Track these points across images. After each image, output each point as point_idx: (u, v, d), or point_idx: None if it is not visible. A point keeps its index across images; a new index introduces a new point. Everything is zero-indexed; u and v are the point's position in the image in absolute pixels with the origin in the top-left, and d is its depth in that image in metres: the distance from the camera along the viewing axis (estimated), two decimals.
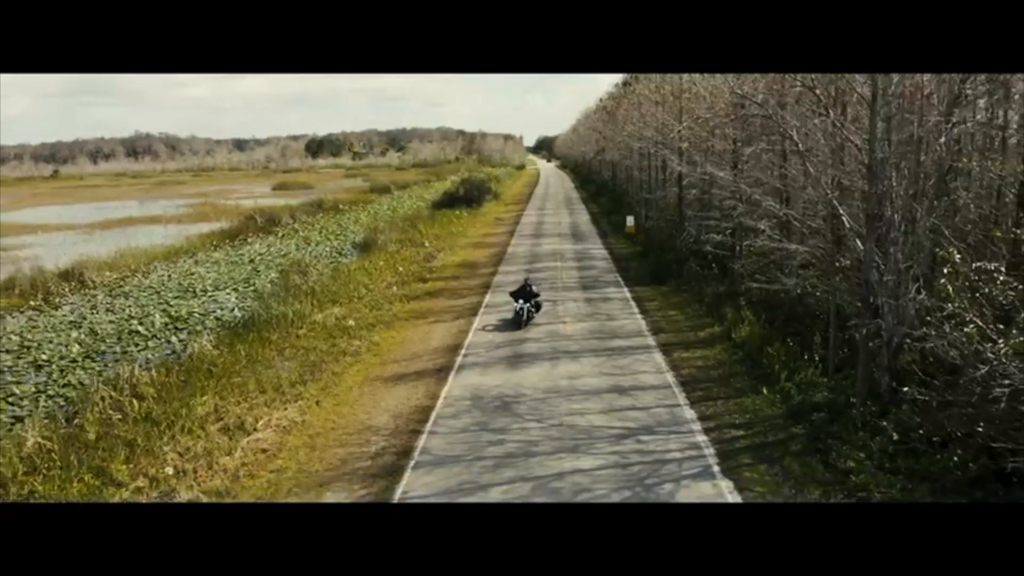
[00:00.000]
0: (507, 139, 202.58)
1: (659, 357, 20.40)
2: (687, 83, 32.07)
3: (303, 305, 26.59)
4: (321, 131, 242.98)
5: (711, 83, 26.94)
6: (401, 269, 35.32)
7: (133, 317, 28.25)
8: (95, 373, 21.33)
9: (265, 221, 55.86)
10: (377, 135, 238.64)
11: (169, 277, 36.91)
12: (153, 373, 19.63)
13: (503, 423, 15.78)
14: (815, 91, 14.83)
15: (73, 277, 35.79)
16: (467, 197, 64.75)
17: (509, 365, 19.91)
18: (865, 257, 14.93)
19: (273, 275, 35.13)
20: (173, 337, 25.28)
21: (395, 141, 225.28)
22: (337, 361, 20.86)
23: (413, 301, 28.77)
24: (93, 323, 27.58)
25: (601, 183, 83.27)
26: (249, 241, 48.98)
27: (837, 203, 16.26)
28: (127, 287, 34.68)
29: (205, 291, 33.12)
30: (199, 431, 15.95)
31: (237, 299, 30.99)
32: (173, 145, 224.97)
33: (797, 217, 19.47)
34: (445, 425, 15.83)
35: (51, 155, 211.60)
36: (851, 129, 15.31)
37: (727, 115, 24.48)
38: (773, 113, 16.62)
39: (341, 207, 69.59)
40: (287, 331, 23.75)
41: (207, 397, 17.65)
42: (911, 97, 15.09)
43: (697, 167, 28.32)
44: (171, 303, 30.57)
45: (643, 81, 44.52)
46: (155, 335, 25.70)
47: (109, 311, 29.63)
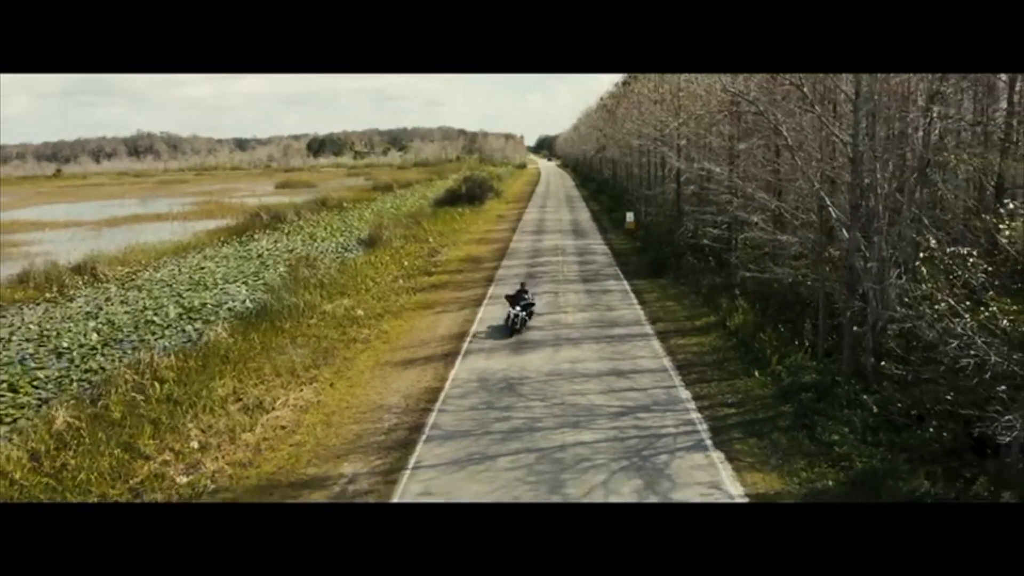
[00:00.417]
0: (508, 138, 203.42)
1: (656, 344, 21.30)
2: (684, 82, 32.99)
3: (313, 296, 27.49)
4: (322, 131, 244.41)
5: (707, 81, 27.84)
6: (406, 263, 36.25)
7: (148, 308, 29.15)
8: (115, 359, 22.27)
9: (270, 218, 56.75)
10: (378, 135, 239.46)
11: (179, 271, 37.81)
12: (172, 359, 20.55)
13: (509, 402, 16.70)
14: (802, 88, 15.72)
15: (85, 271, 36.67)
16: (469, 195, 65.66)
17: (513, 351, 20.81)
18: (849, 245, 15.83)
19: (281, 269, 36.02)
20: (188, 327, 26.19)
21: (396, 140, 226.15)
22: (348, 348, 21.76)
23: (419, 293, 29.68)
24: (109, 314, 28.48)
25: (601, 181, 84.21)
26: (255, 237, 49.88)
27: (825, 195, 17.18)
28: (139, 281, 35.58)
29: (216, 284, 34.03)
30: (220, 410, 16.84)
31: (248, 291, 31.91)
32: (175, 144, 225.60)
33: (789, 210, 20.39)
34: (454, 404, 16.74)
35: (53, 154, 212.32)
36: (837, 125, 16.20)
37: (721, 112, 25.37)
38: (764, 110, 17.53)
39: (345, 205, 70.48)
40: (298, 320, 24.64)
41: (225, 380, 18.56)
42: (894, 94, 15.97)
43: (694, 163, 29.22)
44: (183, 295, 31.48)
45: (642, 80, 45.46)
46: (170, 324, 26.61)
47: (123, 303, 30.52)
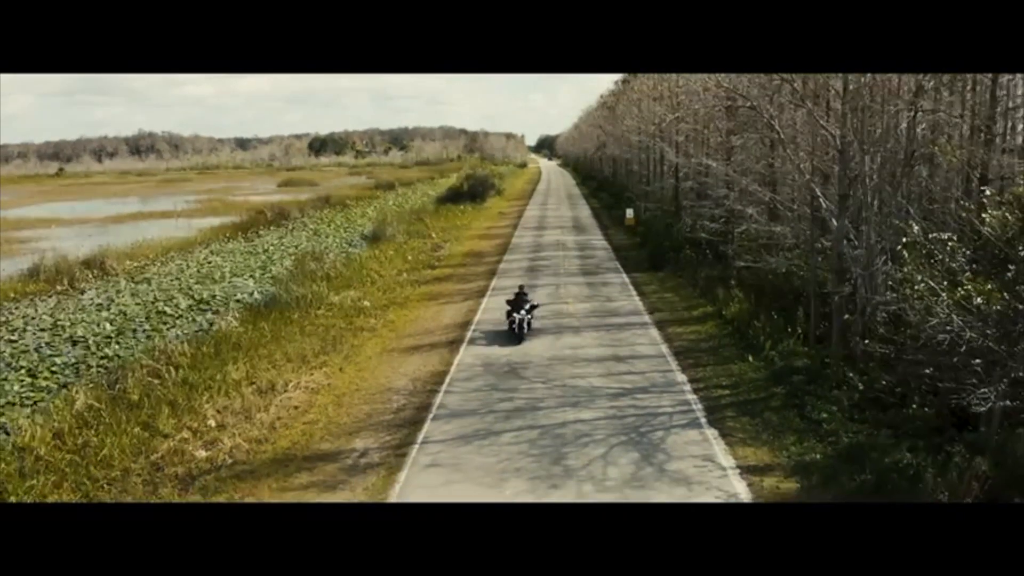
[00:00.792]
0: (509, 138, 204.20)
1: (654, 332, 22.01)
2: (683, 79, 33.70)
3: (320, 288, 28.18)
4: (323, 130, 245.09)
5: (704, 77, 28.52)
6: (410, 258, 36.96)
7: (158, 300, 29.85)
8: (129, 348, 22.97)
9: (275, 215, 57.44)
10: (379, 134, 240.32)
11: (187, 265, 38.50)
12: (185, 346, 21.24)
13: (512, 384, 17.41)
14: (793, 84, 16.43)
15: (95, 265, 37.31)
16: (471, 193, 66.34)
17: (516, 338, 21.49)
18: (838, 234, 16.53)
19: (288, 263, 36.72)
20: (199, 317, 26.89)
21: (398, 140, 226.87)
22: (356, 336, 22.46)
23: (424, 285, 30.39)
24: (120, 305, 29.18)
25: (602, 179, 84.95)
26: (261, 233, 50.56)
27: (816, 187, 17.89)
28: (148, 274, 36.29)
29: (224, 278, 34.73)
30: (235, 392, 17.53)
31: (255, 284, 32.61)
32: (176, 144, 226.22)
33: (782, 202, 21.09)
34: (459, 386, 17.45)
35: (55, 153, 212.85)
36: (827, 119, 16.91)
37: (717, 107, 26.08)
38: (757, 104, 18.24)
39: (348, 203, 71.19)
40: (307, 311, 25.32)
41: (239, 364, 19.25)
42: (881, 89, 16.68)
43: (692, 159, 29.93)
44: (192, 288, 32.17)
45: (641, 78, 46.18)
46: (181, 315, 27.32)
47: (134, 295, 31.21)
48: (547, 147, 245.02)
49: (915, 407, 13.85)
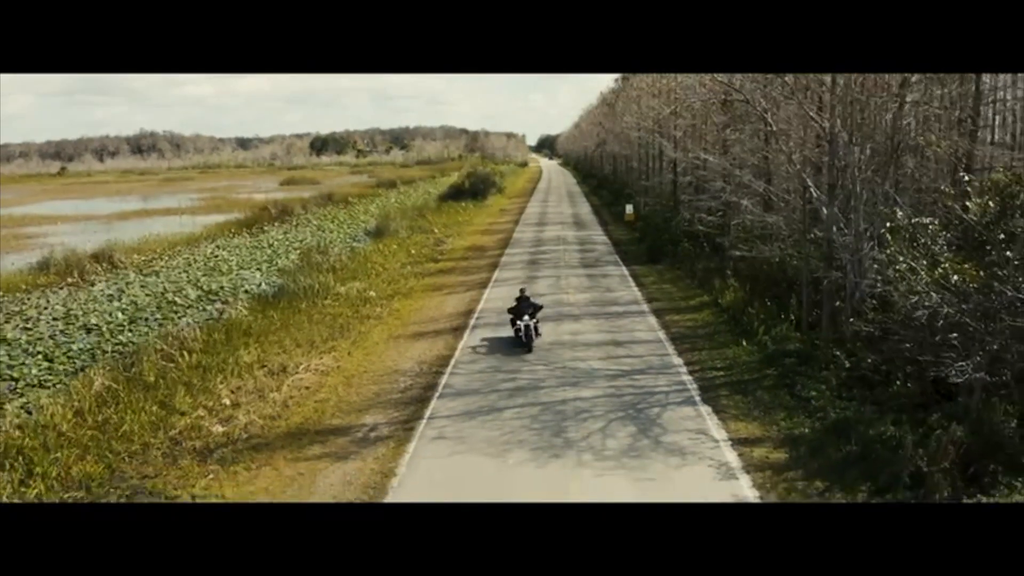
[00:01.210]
0: (510, 137, 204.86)
1: (652, 319, 22.70)
2: (680, 75, 34.38)
3: (326, 279, 28.87)
4: (324, 130, 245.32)
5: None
6: (414, 252, 37.66)
7: (167, 291, 30.54)
8: (142, 335, 23.65)
9: (279, 211, 58.11)
10: (380, 133, 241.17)
11: (194, 259, 39.19)
12: (197, 332, 21.92)
13: (514, 366, 18.09)
14: (783, 77, 17.12)
15: (104, 259, 37.99)
16: (473, 190, 67.03)
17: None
18: (828, 220, 17.21)
19: (293, 256, 37.42)
20: (208, 307, 27.58)
21: (398, 139, 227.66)
22: (362, 323, 23.16)
23: (427, 277, 31.09)
24: (131, 296, 29.87)
25: (602, 177, 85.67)
26: (265, 229, 51.24)
27: (808, 178, 18.57)
28: (156, 267, 36.97)
29: (231, 270, 35.42)
30: (247, 374, 18.21)
31: (262, 276, 33.32)
32: (178, 143, 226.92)
33: (776, 193, 21.78)
34: (464, 368, 18.14)
35: (56, 152, 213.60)
36: (816, 111, 17.60)
37: (712, 102, 26.77)
38: (750, 98, 18.93)
39: (350, 200, 71.87)
40: (314, 301, 26.01)
41: (250, 348, 19.94)
42: (868, 83, 17.36)
43: (689, 153, 30.63)
44: (200, 280, 32.86)
45: (640, 75, 46.85)
46: (191, 305, 28.01)
47: (143, 287, 31.90)
48: (547, 147, 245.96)
49: (899, 384, 14.53)
